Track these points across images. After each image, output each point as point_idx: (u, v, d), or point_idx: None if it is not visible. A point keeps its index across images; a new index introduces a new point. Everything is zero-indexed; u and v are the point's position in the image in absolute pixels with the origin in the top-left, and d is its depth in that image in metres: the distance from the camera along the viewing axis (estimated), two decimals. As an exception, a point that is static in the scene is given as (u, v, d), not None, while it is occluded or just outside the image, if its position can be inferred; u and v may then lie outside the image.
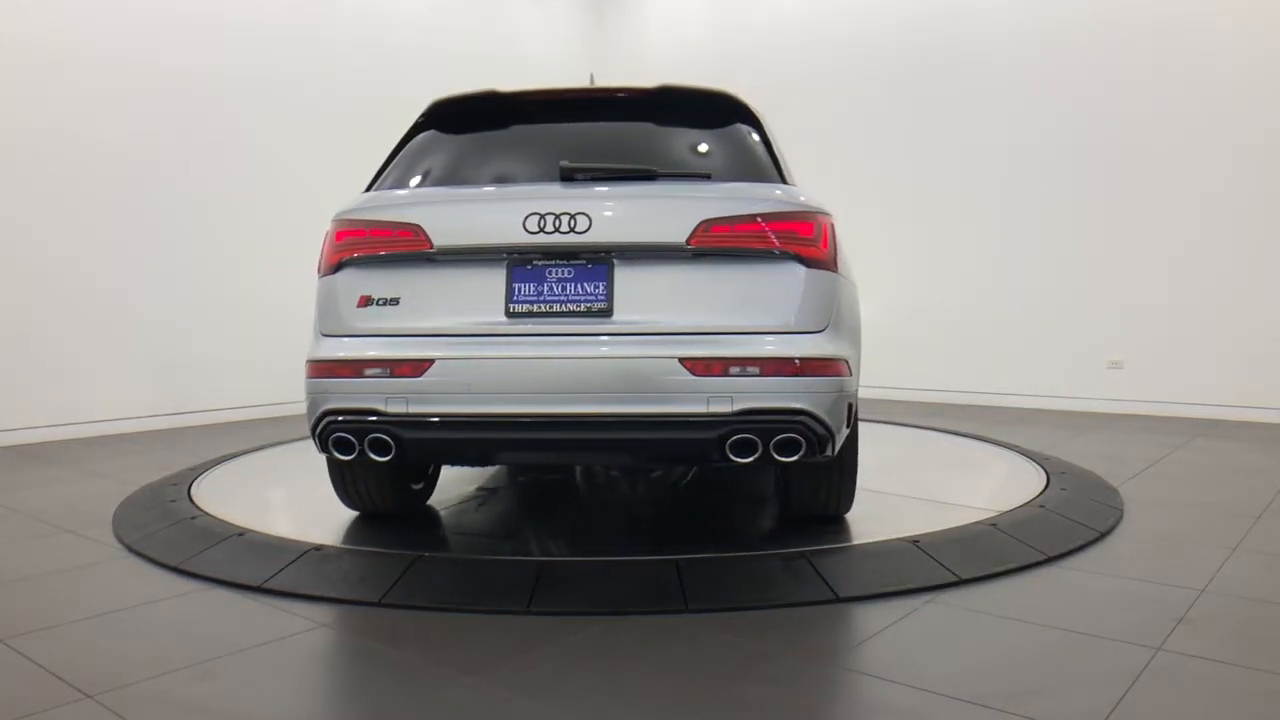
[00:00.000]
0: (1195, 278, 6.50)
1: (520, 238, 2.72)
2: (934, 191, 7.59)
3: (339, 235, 2.93)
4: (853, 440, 3.12)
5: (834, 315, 2.77)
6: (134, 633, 2.45)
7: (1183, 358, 6.55)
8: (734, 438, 2.61)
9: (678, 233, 2.70)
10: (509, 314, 2.73)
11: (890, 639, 2.34)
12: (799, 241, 2.73)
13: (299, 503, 3.64)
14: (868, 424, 6.09)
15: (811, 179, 7.86)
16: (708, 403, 2.61)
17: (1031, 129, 7.11)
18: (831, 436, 2.69)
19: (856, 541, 3.06)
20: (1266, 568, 2.96)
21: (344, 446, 2.78)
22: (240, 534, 3.19)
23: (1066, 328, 7.02)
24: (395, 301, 2.82)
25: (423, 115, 3.24)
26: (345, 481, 3.37)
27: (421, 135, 3.20)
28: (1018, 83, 7.16)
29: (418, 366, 2.71)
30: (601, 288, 2.72)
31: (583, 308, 2.71)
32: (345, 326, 2.85)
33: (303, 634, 2.46)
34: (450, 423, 2.72)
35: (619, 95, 3.19)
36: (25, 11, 5.56)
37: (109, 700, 1.99)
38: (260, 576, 2.80)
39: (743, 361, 2.63)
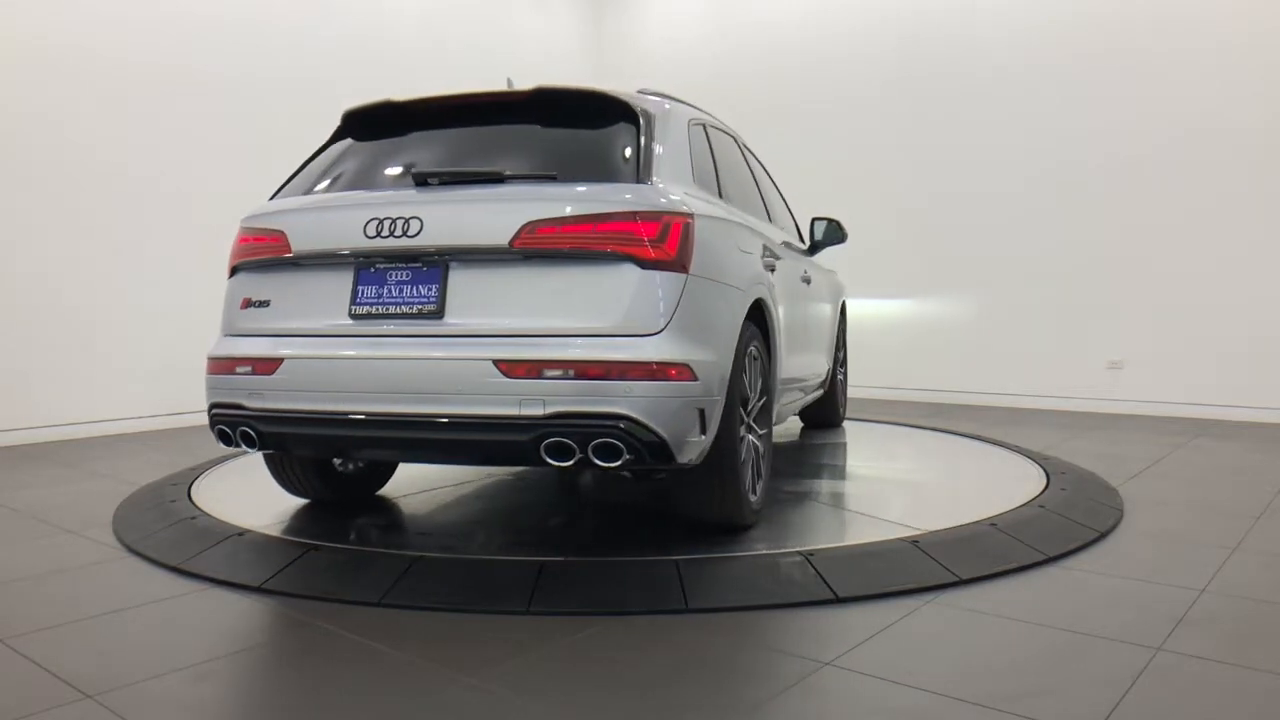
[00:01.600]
0: (1195, 278, 6.50)
1: (361, 242, 2.83)
2: (933, 190, 7.59)
3: (239, 240, 3.14)
4: (730, 448, 2.95)
5: (677, 318, 2.67)
6: (134, 633, 2.45)
7: (1183, 358, 6.56)
8: (548, 440, 2.59)
9: (501, 234, 2.71)
10: (352, 315, 2.84)
11: (890, 639, 2.34)
12: (637, 242, 2.66)
13: (298, 503, 3.65)
14: (868, 424, 6.10)
15: (809, 176, 7.87)
16: (520, 405, 2.60)
17: (1032, 128, 7.11)
18: (666, 443, 2.61)
19: (856, 541, 3.06)
20: (1266, 568, 2.96)
21: (225, 437, 3.03)
22: (240, 534, 3.19)
23: (1066, 328, 7.02)
24: (266, 304, 3.02)
25: (339, 124, 3.37)
26: (274, 467, 3.53)
27: (336, 144, 3.36)
28: (1019, 82, 7.16)
29: (271, 365, 2.89)
30: (434, 290, 2.76)
31: (415, 309, 2.77)
32: (232, 326, 3.10)
33: (302, 634, 2.46)
34: (295, 418, 2.87)
35: (502, 99, 3.23)
36: (24, 10, 5.56)
37: (109, 700, 1.99)
38: (260, 576, 2.80)
39: (558, 364, 2.60)
